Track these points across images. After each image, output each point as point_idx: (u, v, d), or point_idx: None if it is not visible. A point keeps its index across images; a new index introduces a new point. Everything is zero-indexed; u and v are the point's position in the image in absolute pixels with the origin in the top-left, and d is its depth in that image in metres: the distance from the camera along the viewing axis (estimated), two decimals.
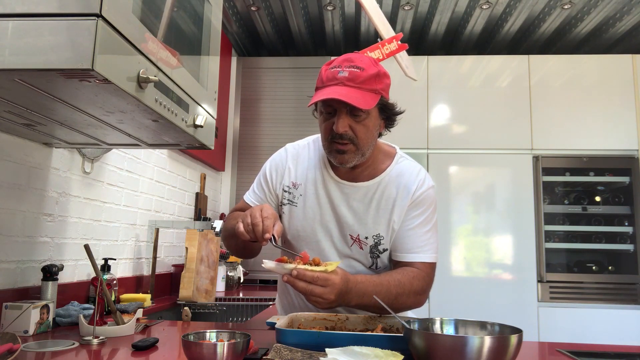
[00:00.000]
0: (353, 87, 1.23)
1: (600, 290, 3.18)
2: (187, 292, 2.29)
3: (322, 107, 1.29)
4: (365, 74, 1.24)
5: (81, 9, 0.89)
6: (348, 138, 1.26)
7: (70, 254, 1.79)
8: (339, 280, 1.12)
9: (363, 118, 1.26)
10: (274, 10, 3.38)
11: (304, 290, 1.10)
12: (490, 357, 0.88)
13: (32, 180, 1.60)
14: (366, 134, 1.28)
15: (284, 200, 1.42)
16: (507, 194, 3.31)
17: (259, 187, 1.48)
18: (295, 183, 1.42)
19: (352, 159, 1.29)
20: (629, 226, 3.24)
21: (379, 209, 1.36)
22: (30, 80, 0.96)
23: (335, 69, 1.26)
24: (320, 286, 1.10)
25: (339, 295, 1.13)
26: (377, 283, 1.23)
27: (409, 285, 1.27)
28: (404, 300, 1.27)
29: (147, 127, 1.30)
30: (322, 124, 1.31)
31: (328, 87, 1.24)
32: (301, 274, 1.09)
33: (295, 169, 1.43)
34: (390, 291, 1.24)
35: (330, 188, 1.38)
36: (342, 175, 1.38)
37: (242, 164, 3.75)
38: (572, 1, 3.09)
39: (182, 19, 1.36)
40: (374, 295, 1.19)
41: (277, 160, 1.47)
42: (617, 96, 3.34)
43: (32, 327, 1.37)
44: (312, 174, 1.41)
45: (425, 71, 3.49)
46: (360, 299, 1.20)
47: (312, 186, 1.40)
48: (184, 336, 1.00)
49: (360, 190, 1.37)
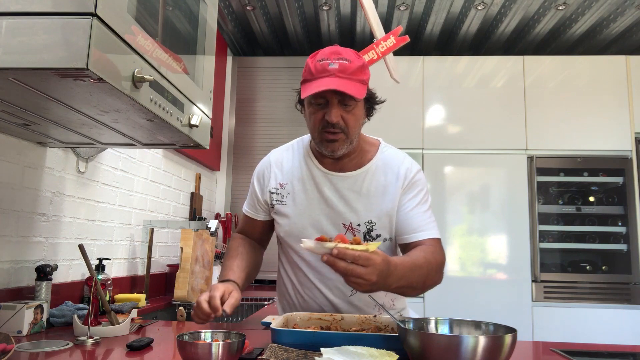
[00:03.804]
0: (344, 78, 1.26)
1: (594, 290, 3.20)
2: (182, 292, 2.29)
3: (312, 99, 1.31)
4: (353, 65, 1.28)
5: (76, 7, 0.89)
6: (339, 127, 1.30)
7: (64, 253, 1.78)
8: (380, 260, 1.06)
9: (352, 107, 1.30)
10: (269, 9, 3.38)
11: (344, 270, 1.03)
12: (485, 356, 0.88)
13: (26, 179, 1.59)
14: (355, 123, 1.33)
15: (273, 202, 1.44)
16: (502, 194, 3.33)
17: (250, 197, 1.52)
18: (282, 184, 1.45)
19: (342, 146, 1.33)
20: (622, 226, 3.25)
21: (369, 195, 1.39)
22: (25, 79, 0.96)
23: (324, 61, 1.29)
24: (362, 266, 1.03)
25: (380, 277, 1.06)
26: (411, 264, 1.20)
27: (434, 261, 1.27)
28: (434, 276, 1.28)
29: (142, 126, 1.30)
30: (312, 116, 1.33)
31: (320, 79, 1.26)
32: (342, 252, 1.03)
33: (281, 171, 1.46)
34: (422, 270, 1.22)
35: (319, 181, 1.41)
36: (329, 167, 1.41)
37: (238, 163, 3.75)
38: (567, 2, 3.10)
39: (177, 18, 1.36)
40: (411, 276, 1.17)
41: (262, 167, 1.51)
42: (611, 97, 3.36)
43: (26, 327, 1.36)
44: (297, 172, 1.44)
45: (421, 71, 3.50)
46: (399, 282, 1.14)
47: (299, 183, 1.43)
48: (179, 336, 1.00)
49: (349, 179, 1.40)
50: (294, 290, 1.47)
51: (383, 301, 1.43)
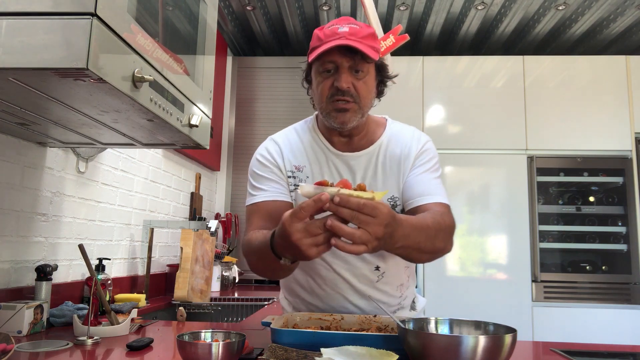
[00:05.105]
0: (355, 40, 1.20)
1: (593, 290, 3.20)
2: (182, 292, 2.29)
3: (320, 67, 1.25)
4: (364, 31, 1.23)
5: (76, 7, 0.89)
6: (350, 95, 1.23)
7: (64, 253, 1.78)
8: (387, 210, 0.94)
9: (364, 75, 1.24)
10: (269, 10, 3.38)
11: (350, 216, 0.92)
12: (485, 356, 0.88)
13: (26, 179, 1.59)
14: (367, 92, 1.26)
15: (290, 187, 1.37)
16: (502, 194, 3.33)
17: (266, 183, 1.35)
18: (297, 167, 1.36)
19: (354, 117, 1.26)
20: (622, 226, 3.25)
21: (385, 170, 1.35)
22: (25, 79, 0.96)
23: (333, 26, 1.23)
24: (368, 215, 0.92)
25: (386, 229, 0.95)
26: (417, 222, 1.11)
27: (443, 223, 1.18)
28: (442, 240, 1.18)
29: (142, 126, 1.30)
30: (320, 85, 1.26)
31: (330, 41, 1.20)
32: (344, 200, 0.91)
33: (293, 154, 1.37)
34: (430, 231, 1.13)
35: (335, 163, 1.35)
36: (341, 147, 1.36)
37: (238, 163, 3.75)
38: (567, 2, 3.10)
39: (177, 18, 1.36)
40: (417, 236, 1.08)
41: (270, 151, 1.38)
42: (611, 97, 3.36)
43: (26, 327, 1.36)
44: (312, 155, 1.37)
45: (421, 71, 3.50)
46: (405, 240, 1.04)
47: (316, 166, 1.36)
48: (179, 336, 1.00)
49: (364, 158, 1.35)
50: (314, 284, 1.38)
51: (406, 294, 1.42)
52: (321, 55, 1.22)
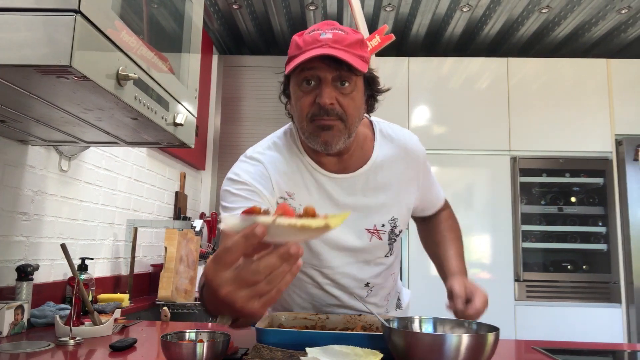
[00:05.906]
0: (340, 49, 1.02)
1: (575, 289, 3.25)
2: (166, 292, 2.27)
3: (298, 80, 1.07)
4: (350, 37, 1.05)
5: (59, 4, 0.88)
6: (335, 114, 1.05)
7: (46, 253, 1.76)
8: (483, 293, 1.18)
9: (350, 90, 1.06)
10: (255, 8, 3.37)
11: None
12: (468, 354, 0.89)
13: (6, 178, 1.56)
14: (354, 109, 1.08)
15: None
16: (485, 194, 3.36)
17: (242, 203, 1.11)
18: (289, 193, 1.18)
19: (339, 139, 1.07)
20: (602, 226, 3.31)
21: (385, 189, 1.22)
22: (6, 76, 0.94)
23: (315, 32, 1.06)
24: None
25: None
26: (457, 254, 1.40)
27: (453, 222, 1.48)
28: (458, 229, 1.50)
29: (126, 125, 1.28)
30: (299, 101, 1.08)
31: (311, 50, 1.03)
32: None
33: (282, 178, 1.18)
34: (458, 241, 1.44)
35: (328, 188, 1.18)
36: (333, 168, 1.19)
37: (223, 163, 3.73)
38: (550, 5, 3.15)
39: (162, 16, 1.34)
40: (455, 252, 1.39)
41: (257, 171, 1.17)
42: (593, 99, 3.41)
43: (6, 328, 1.34)
44: (299, 179, 1.18)
45: (406, 72, 3.52)
46: None
47: (306, 192, 1.18)
48: (163, 336, 0.99)
49: (360, 179, 1.20)
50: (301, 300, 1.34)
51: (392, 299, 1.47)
52: (300, 66, 1.05)
